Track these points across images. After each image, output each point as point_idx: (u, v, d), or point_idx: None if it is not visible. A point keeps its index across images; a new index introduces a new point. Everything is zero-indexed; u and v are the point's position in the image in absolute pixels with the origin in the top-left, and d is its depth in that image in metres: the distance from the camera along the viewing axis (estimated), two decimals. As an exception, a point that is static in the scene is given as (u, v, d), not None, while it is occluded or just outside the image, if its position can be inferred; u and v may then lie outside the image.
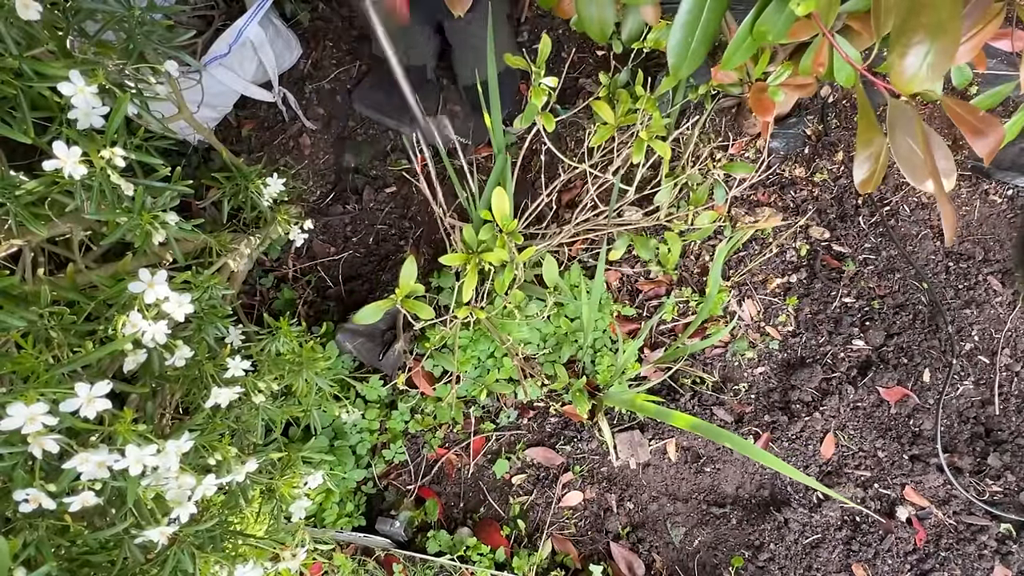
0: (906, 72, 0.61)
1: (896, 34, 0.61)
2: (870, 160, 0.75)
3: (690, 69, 0.80)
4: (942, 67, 0.60)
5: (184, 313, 0.87)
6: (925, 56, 0.60)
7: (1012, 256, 1.81)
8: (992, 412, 1.68)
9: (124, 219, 0.91)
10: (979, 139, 0.80)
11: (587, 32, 0.87)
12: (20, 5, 0.74)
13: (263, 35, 1.80)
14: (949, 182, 0.76)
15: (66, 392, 0.72)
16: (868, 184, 0.76)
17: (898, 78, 0.61)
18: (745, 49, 0.82)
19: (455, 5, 0.99)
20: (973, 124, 0.80)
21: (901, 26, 0.60)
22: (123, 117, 0.84)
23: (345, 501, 1.63)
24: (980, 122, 0.79)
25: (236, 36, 1.71)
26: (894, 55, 0.61)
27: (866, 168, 0.75)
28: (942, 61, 0.59)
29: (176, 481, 0.83)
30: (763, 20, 0.77)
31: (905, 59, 0.60)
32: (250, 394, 1.02)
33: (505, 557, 1.56)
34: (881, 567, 1.54)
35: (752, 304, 1.81)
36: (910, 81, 0.61)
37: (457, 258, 1.22)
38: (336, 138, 2.09)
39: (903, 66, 0.61)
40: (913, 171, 0.69)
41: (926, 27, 0.59)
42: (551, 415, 1.74)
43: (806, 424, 1.67)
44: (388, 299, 1.15)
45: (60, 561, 0.80)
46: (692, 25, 0.75)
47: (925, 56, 0.60)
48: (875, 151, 0.75)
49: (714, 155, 1.97)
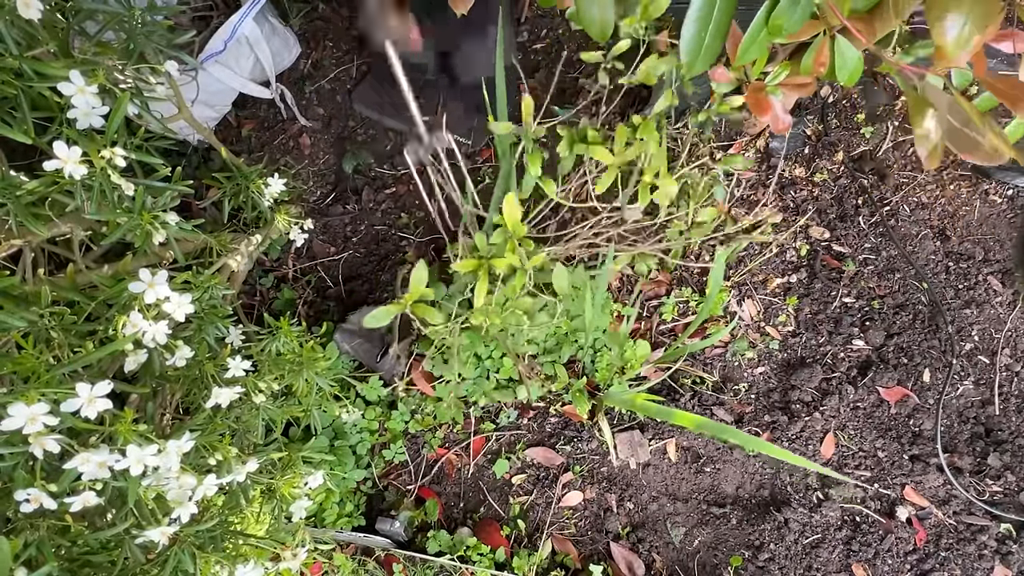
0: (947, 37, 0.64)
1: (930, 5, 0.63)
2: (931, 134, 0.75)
3: (705, 64, 0.80)
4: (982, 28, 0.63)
5: (184, 313, 0.87)
6: (964, 23, 0.63)
7: (1012, 256, 1.81)
8: (992, 412, 1.68)
9: (124, 219, 0.91)
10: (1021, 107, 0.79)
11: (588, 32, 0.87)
12: (21, 4, 0.74)
13: (258, 31, 1.80)
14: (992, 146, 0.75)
15: (67, 392, 0.71)
16: (934, 159, 0.77)
17: (942, 46, 0.64)
18: (761, 42, 0.82)
19: (457, 4, 0.99)
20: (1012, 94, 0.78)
21: None
22: (123, 117, 0.84)
23: (345, 501, 1.63)
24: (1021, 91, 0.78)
25: (231, 32, 1.71)
26: (934, 26, 0.64)
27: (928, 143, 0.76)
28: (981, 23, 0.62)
29: (177, 481, 0.83)
30: (779, 12, 0.77)
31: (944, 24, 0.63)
32: (250, 394, 1.02)
33: (505, 557, 1.56)
34: (881, 567, 1.54)
35: (752, 304, 1.81)
36: (954, 46, 0.64)
37: (468, 264, 1.22)
38: (336, 138, 2.09)
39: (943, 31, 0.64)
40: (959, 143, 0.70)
41: None
42: (551, 415, 1.74)
43: (806, 424, 1.67)
44: (398, 303, 1.14)
45: (61, 561, 0.80)
46: (705, 20, 0.75)
47: (964, 23, 0.63)
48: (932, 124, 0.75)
49: (714, 155, 1.97)
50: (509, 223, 1.16)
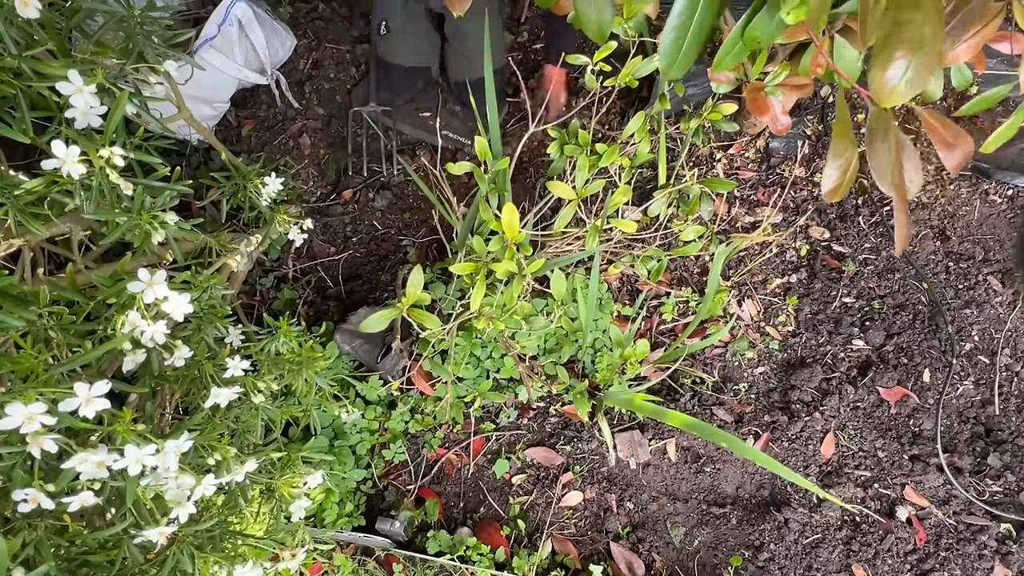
0: (886, 85, 0.63)
1: (878, 48, 0.62)
2: (839, 170, 0.76)
3: (681, 70, 0.80)
4: (920, 82, 0.62)
5: (183, 313, 0.87)
6: (905, 71, 0.61)
7: (1012, 256, 1.81)
8: (992, 412, 1.68)
9: (123, 219, 0.91)
10: (948, 151, 0.83)
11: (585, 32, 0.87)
12: (19, 3, 0.74)
13: (251, 12, 1.79)
14: (914, 187, 0.77)
15: (65, 392, 0.71)
16: (835, 194, 0.78)
17: (878, 91, 0.63)
18: (736, 53, 0.82)
19: (454, 5, 0.99)
20: (944, 137, 0.83)
21: (884, 40, 0.61)
22: (122, 116, 0.84)
23: (345, 501, 1.63)
24: (951, 135, 0.83)
25: (224, 15, 1.71)
26: (875, 68, 0.62)
27: (835, 177, 0.77)
28: (921, 76, 0.61)
29: (175, 481, 0.83)
30: (755, 25, 0.77)
31: (885, 73, 0.62)
32: (250, 394, 1.02)
33: (505, 557, 1.56)
34: (881, 567, 1.54)
35: (752, 304, 1.81)
36: (889, 94, 0.63)
37: (466, 267, 1.22)
38: (336, 138, 2.09)
39: (883, 79, 0.63)
40: (881, 175, 0.71)
41: (908, 43, 0.60)
42: (551, 415, 1.74)
43: (806, 424, 1.67)
44: (394, 307, 1.15)
45: (59, 561, 0.80)
46: (684, 27, 0.75)
47: (905, 71, 0.61)
48: (845, 162, 0.76)
49: (714, 154, 1.97)
50: (507, 230, 1.16)
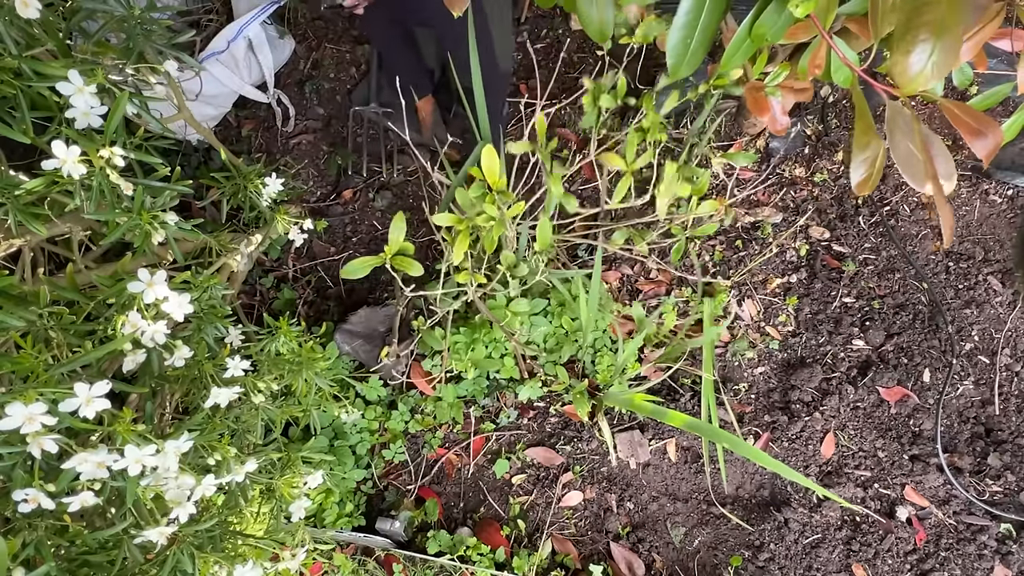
0: (911, 70, 0.60)
1: (900, 32, 0.60)
2: (867, 163, 0.75)
3: (690, 69, 0.80)
4: (948, 65, 0.59)
5: (183, 313, 0.87)
6: (930, 55, 0.59)
7: (1012, 256, 1.81)
8: (992, 412, 1.68)
9: (124, 219, 0.91)
10: (978, 140, 0.79)
11: (587, 32, 0.87)
12: (20, 3, 0.74)
13: (263, 35, 1.81)
14: (949, 184, 0.75)
15: (65, 392, 0.71)
16: (865, 186, 0.76)
17: (902, 77, 0.61)
18: (744, 50, 0.82)
19: (454, 5, 0.99)
20: (972, 125, 0.79)
21: (906, 23, 0.59)
22: (122, 116, 0.84)
23: (345, 501, 1.63)
24: (979, 123, 0.79)
25: (236, 33, 1.72)
26: (897, 54, 0.60)
27: (863, 171, 0.75)
28: (947, 59, 0.59)
29: (175, 481, 0.83)
30: (762, 21, 0.77)
31: (909, 57, 0.59)
32: (250, 394, 1.02)
33: (505, 557, 1.56)
34: (881, 567, 1.54)
35: (752, 304, 1.81)
36: (914, 80, 0.60)
37: (449, 218, 1.20)
38: (336, 138, 2.09)
39: (907, 64, 0.60)
40: (913, 174, 0.69)
41: (930, 25, 0.58)
42: (551, 415, 1.74)
43: (806, 424, 1.67)
44: (378, 256, 1.12)
45: (59, 561, 0.80)
46: (692, 26, 0.75)
47: (930, 55, 0.59)
48: (872, 154, 0.74)
49: (714, 154, 1.97)
50: (488, 176, 1.15)
